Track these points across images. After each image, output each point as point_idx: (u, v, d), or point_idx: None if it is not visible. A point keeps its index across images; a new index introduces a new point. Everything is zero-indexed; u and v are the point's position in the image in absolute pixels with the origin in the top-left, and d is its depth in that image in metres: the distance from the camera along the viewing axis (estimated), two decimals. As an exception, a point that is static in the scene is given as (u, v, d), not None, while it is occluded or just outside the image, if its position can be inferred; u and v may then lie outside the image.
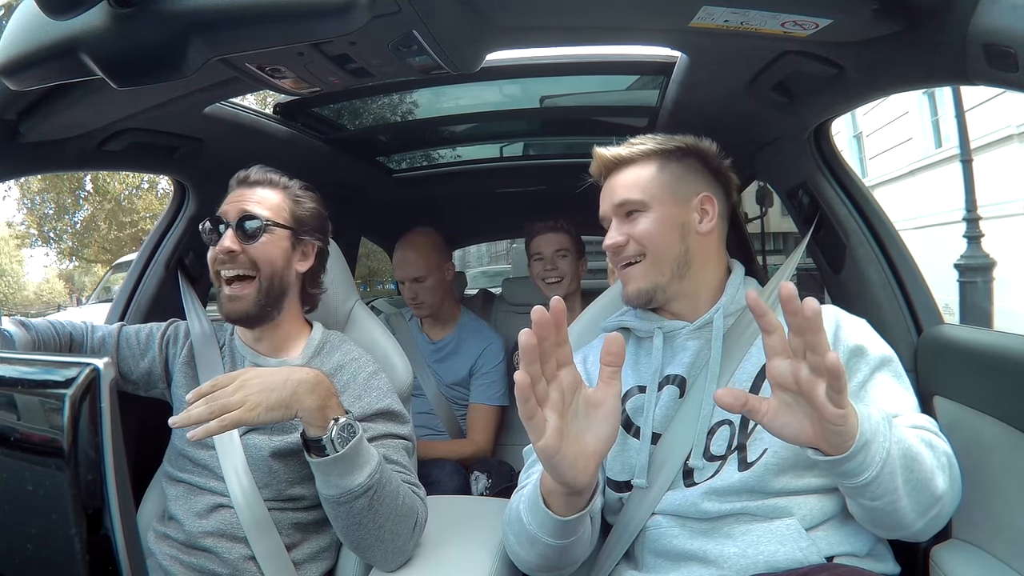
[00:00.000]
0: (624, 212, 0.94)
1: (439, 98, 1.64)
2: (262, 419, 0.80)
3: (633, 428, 0.91)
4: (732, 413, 0.85)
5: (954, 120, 6.12)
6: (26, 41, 0.68)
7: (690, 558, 0.82)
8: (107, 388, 0.47)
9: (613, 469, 0.92)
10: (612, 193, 0.96)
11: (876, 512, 0.73)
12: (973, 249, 5.82)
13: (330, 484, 0.84)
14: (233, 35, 0.67)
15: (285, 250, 1.04)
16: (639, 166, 0.95)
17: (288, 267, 1.05)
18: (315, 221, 1.08)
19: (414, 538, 0.93)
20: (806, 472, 0.81)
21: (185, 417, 0.78)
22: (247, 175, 1.06)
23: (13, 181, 10.98)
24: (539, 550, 0.80)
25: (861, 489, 0.70)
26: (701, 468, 0.85)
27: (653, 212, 0.92)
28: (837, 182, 1.17)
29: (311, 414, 0.83)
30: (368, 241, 2.81)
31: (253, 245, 1.00)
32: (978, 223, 5.84)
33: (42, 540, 0.50)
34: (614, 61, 1.32)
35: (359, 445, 0.84)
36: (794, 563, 0.77)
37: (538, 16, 0.84)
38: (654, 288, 0.92)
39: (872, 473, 0.68)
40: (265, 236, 1.01)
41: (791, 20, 0.77)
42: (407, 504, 0.90)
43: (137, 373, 1.09)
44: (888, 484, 0.69)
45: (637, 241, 0.92)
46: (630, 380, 0.95)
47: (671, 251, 0.92)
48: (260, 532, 0.95)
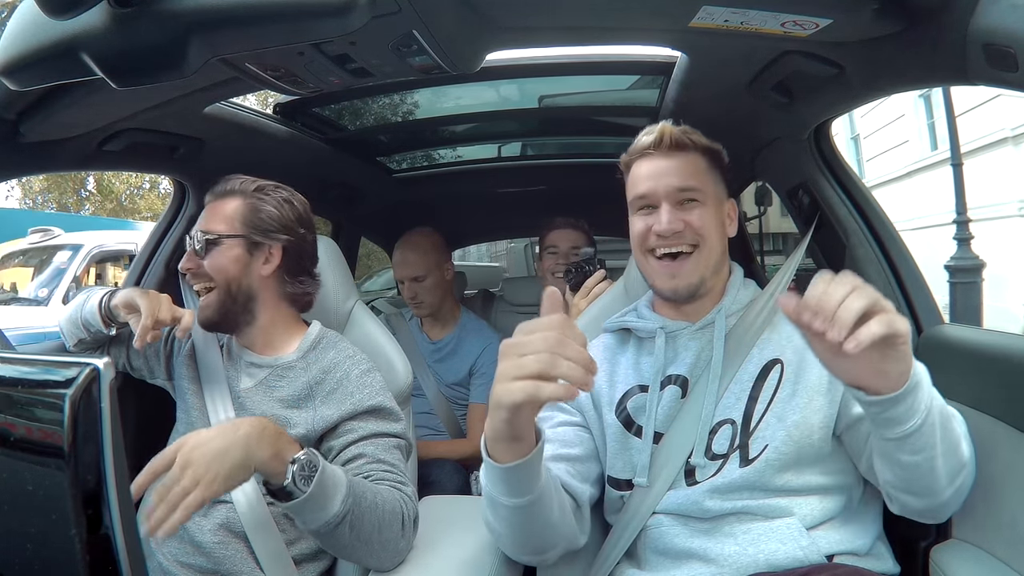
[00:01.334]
0: (683, 198, 0.90)
1: (439, 98, 1.64)
2: (224, 489, 0.75)
3: (634, 427, 0.91)
4: (734, 409, 0.86)
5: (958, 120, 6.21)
6: (26, 41, 0.68)
7: (691, 556, 0.82)
8: (107, 388, 0.47)
9: (615, 468, 0.92)
10: (670, 173, 0.90)
11: (915, 470, 0.71)
12: (963, 251, 5.91)
13: (308, 520, 0.82)
14: (233, 35, 0.67)
15: (237, 258, 1.04)
16: (695, 155, 0.93)
17: (246, 273, 1.05)
18: (275, 223, 1.07)
19: (405, 537, 0.92)
20: (807, 469, 0.81)
21: (150, 527, 0.72)
22: (215, 188, 1.08)
23: (15, 181, 11.01)
24: (503, 516, 0.77)
25: (906, 439, 0.68)
26: (703, 467, 0.85)
27: (708, 205, 0.91)
28: (837, 182, 1.17)
29: (268, 465, 0.78)
30: (368, 241, 2.81)
31: (206, 260, 1.03)
32: (967, 225, 5.89)
33: (42, 540, 0.50)
34: (614, 61, 1.32)
35: (323, 478, 0.81)
36: (795, 562, 0.77)
37: (538, 16, 0.84)
38: (702, 281, 0.91)
39: (918, 420, 0.67)
40: (215, 249, 1.03)
41: (791, 20, 0.77)
42: (389, 510, 0.89)
43: (139, 361, 1.15)
44: (929, 437, 0.68)
45: (695, 231, 0.89)
46: (631, 379, 0.95)
47: (717, 247, 0.92)
48: (261, 531, 0.95)
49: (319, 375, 1.03)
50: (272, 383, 1.04)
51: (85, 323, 1.09)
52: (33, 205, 12.21)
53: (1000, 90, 2.18)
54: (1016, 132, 6.92)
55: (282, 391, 1.03)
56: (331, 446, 0.98)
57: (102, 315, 1.07)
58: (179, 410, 1.09)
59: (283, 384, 1.04)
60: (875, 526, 0.85)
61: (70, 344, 1.14)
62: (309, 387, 1.02)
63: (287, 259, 1.08)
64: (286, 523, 0.98)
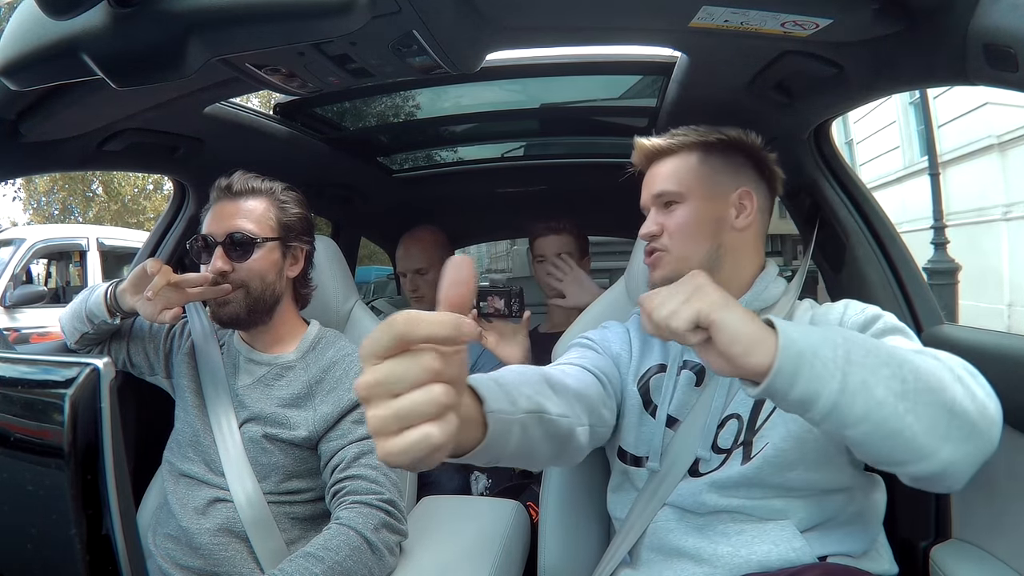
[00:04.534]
0: (662, 203, 0.94)
1: (439, 98, 1.64)
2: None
3: (651, 406, 0.91)
4: (743, 404, 0.85)
5: (946, 127, 6.67)
6: (26, 41, 0.68)
7: (683, 555, 0.82)
8: (107, 388, 0.48)
9: (628, 441, 0.91)
10: (651, 183, 0.95)
11: (875, 442, 0.61)
12: (940, 254, 6.38)
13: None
14: (233, 35, 0.67)
15: (276, 262, 1.05)
16: (680, 157, 0.94)
17: (280, 277, 1.05)
18: (301, 225, 1.08)
19: (379, 555, 0.89)
20: (808, 470, 0.81)
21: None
22: (229, 184, 1.05)
23: (20, 184, 11.02)
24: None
25: (829, 417, 0.59)
26: (707, 460, 0.85)
27: (690, 204, 0.92)
28: (837, 182, 1.17)
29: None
30: (368, 242, 2.81)
31: (245, 263, 1.01)
32: (944, 231, 6.42)
33: (42, 540, 0.50)
34: (614, 61, 1.32)
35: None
36: (787, 563, 0.77)
37: (538, 16, 0.84)
38: (679, 276, 0.92)
39: (828, 398, 0.58)
40: (256, 252, 1.01)
41: (791, 20, 0.77)
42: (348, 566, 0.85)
43: (139, 357, 1.15)
44: (861, 406, 0.59)
45: (669, 232, 0.92)
46: (657, 357, 0.95)
47: (701, 245, 0.91)
48: (261, 530, 0.95)
49: (319, 374, 1.03)
50: (270, 381, 1.04)
51: (89, 314, 1.08)
52: (37, 206, 12.21)
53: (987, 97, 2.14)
54: (1002, 139, 7.11)
55: (281, 391, 1.03)
56: (322, 451, 0.99)
57: (107, 304, 1.05)
58: (178, 408, 1.10)
59: (282, 383, 1.04)
60: (874, 527, 0.84)
61: (71, 341, 1.13)
62: (309, 386, 1.02)
63: (306, 262, 1.10)
64: (287, 522, 0.98)
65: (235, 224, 1.01)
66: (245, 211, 1.03)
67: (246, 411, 1.02)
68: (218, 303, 1.02)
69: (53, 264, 6.00)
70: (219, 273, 1.00)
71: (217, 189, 1.06)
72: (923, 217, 7.05)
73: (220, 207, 1.04)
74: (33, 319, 4.87)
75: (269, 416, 1.00)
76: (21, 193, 11.76)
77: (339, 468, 0.95)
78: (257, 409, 1.02)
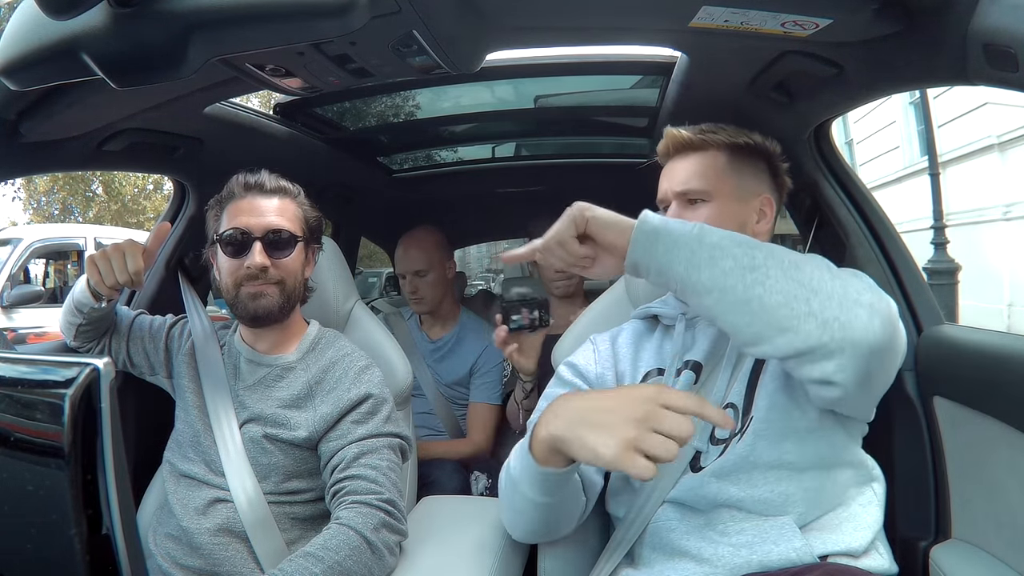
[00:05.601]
0: (687, 199, 0.92)
1: (439, 98, 1.64)
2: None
3: None
4: (737, 394, 0.86)
5: (946, 127, 6.65)
6: (26, 41, 0.68)
7: (684, 555, 0.82)
8: (107, 388, 0.48)
9: None
10: (674, 177, 0.94)
11: (724, 309, 0.68)
12: (940, 254, 6.38)
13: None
14: (233, 35, 0.67)
15: (303, 262, 1.08)
16: (707, 154, 0.93)
17: (303, 276, 1.08)
18: (319, 227, 1.11)
19: (378, 555, 0.88)
20: (799, 443, 0.80)
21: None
22: (260, 183, 1.05)
23: (20, 184, 11.02)
24: (520, 507, 0.83)
25: (685, 286, 0.70)
26: (707, 452, 0.85)
27: (716, 204, 0.91)
28: (837, 182, 1.17)
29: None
30: (368, 241, 2.81)
31: (283, 260, 1.03)
32: (944, 231, 6.39)
33: (42, 540, 0.50)
34: (614, 61, 1.32)
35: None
36: (787, 563, 0.77)
37: (538, 16, 0.84)
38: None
39: (679, 262, 0.68)
40: (294, 248, 1.04)
41: (791, 20, 0.77)
42: (348, 566, 0.85)
43: (139, 357, 1.16)
44: (710, 271, 0.68)
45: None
46: (652, 362, 0.95)
47: None
48: (261, 529, 0.95)
49: (319, 374, 1.03)
50: (271, 383, 1.04)
51: (78, 304, 1.08)
52: (38, 206, 12.21)
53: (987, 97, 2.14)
54: (1002, 139, 7.12)
55: (281, 391, 1.03)
56: (322, 451, 0.99)
57: (91, 289, 1.05)
58: (178, 408, 1.10)
59: (282, 384, 1.04)
60: (873, 526, 0.84)
61: (69, 338, 1.14)
62: (309, 387, 1.02)
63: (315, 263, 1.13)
64: (287, 522, 0.98)
65: (274, 221, 1.02)
66: (281, 209, 1.04)
67: (246, 411, 1.02)
68: (252, 295, 1.02)
69: (51, 264, 5.99)
70: (260, 268, 1.00)
71: (242, 185, 1.05)
72: (923, 217, 7.08)
73: (253, 203, 1.03)
74: (30, 319, 4.87)
75: (269, 416, 1.00)
76: (21, 193, 11.75)
77: (339, 468, 0.95)
78: (257, 410, 1.02)
